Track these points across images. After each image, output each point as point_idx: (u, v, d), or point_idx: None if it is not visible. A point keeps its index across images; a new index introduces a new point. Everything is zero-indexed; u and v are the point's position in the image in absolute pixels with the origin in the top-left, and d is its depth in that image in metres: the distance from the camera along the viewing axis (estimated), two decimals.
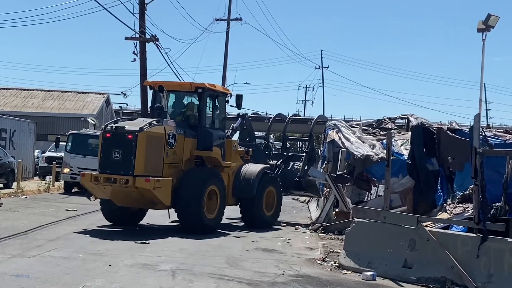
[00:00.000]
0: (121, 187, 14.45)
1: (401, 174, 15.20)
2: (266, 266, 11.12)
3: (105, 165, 14.75)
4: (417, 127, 15.34)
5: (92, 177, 14.77)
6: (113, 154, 14.64)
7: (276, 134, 38.00)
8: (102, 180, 14.65)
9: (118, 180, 14.43)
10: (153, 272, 10.13)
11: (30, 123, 33.87)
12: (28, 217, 16.61)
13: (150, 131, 14.74)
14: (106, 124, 15.46)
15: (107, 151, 14.77)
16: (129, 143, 14.48)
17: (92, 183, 14.79)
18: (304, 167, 19.96)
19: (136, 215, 16.26)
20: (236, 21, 45.16)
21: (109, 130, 14.90)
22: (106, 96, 50.59)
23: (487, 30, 27.62)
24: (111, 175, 14.56)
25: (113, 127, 14.94)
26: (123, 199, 14.98)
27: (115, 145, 14.66)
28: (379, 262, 10.74)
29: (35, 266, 10.15)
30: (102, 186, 14.70)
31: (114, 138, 14.75)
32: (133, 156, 14.43)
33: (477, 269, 9.72)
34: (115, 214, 15.76)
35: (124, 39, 27.49)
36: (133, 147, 14.44)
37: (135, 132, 14.50)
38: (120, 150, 14.57)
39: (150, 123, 14.94)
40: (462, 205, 12.39)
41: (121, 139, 14.63)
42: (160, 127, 15.05)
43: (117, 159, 14.57)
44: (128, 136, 14.54)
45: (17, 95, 49.61)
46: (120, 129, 14.78)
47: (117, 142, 14.68)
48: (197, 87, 16.37)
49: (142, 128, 14.59)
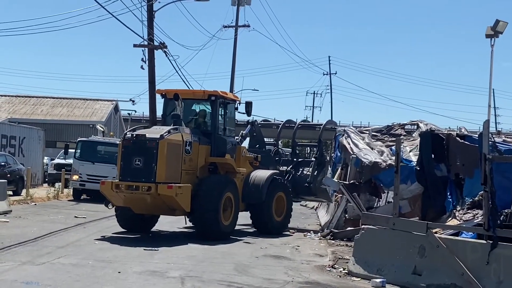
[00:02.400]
0: (142, 194, 14.58)
1: (409, 180, 15.13)
2: (275, 273, 11.11)
3: (125, 172, 14.87)
4: (425, 133, 15.27)
5: (113, 185, 14.88)
6: (134, 162, 14.76)
7: (283, 140, 38.04)
8: (123, 188, 14.77)
9: (140, 187, 14.57)
10: (162, 279, 10.14)
11: (39, 130, 33.99)
12: (38, 224, 16.67)
13: (170, 138, 14.93)
14: (125, 133, 15.68)
15: (127, 158, 14.89)
16: (151, 150, 14.64)
17: (112, 191, 14.91)
18: (314, 173, 20.02)
19: (149, 222, 16.39)
20: (244, 27, 45.24)
21: (130, 138, 15.05)
22: (114, 103, 50.74)
23: (495, 36, 27.56)
24: (132, 183, 14.70)
25: (133, 135, 15.09)
26: (142, 207, 15.11)
27: (136, 153, 14.80)
28: (388, 269, 10.71)
29: (45, 273, 10.18)
30: (123, 193, 14.81)
31: (134, 146, 14.89)
32: (155, 163, 14.59)
33: (487, 276, 9.66)
34: (130, 221, 15.87)
35: (132, 46, 27.56)
36: (154, 154, 14.60)
37: (156, 140, 14.66)
38: (141, 157, 14.72)
39: (169, 131, 15.09)
40: (472, 211, 12.32)
41: (142, 146, 14.78)
42: (178, 134, 15.25)
43: (138, 166, 14.71)
44: (149, 144, 14.70)
45: (26, 102, 49.83)
46: (141, 137, 14.93)
47: (138, 149, 14.82)
48: (210, 94, 16.59)
49: (163, 136, 14.74)
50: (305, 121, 26.46)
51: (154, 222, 16.62)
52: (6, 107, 48.48)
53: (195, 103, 17.22)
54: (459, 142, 13.89)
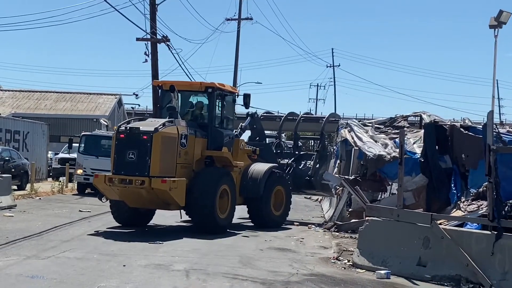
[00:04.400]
0: (136, 188, 14.38)
1: (414, 172, 15.11)
2: (280, 266, 11.12)
3: (119, 166, 14.65)
4: (429, 124, 15.24)
5: (106, 178, 14.70)
6: (128, 155, 14.52)
7: (287, 133, 37.94)
8: (116, 182, 14.57)
9: (134, 181, 14.36)
10: (167, 272, 10.16)
11: (43, 125, 34.03)
12: (42, 218, 16.70)
13: (164, 131, 14.67)
14: (119, 125, 15.34)
15: (121, 152, 14.65)
16: (144, 143, 14.40)
17: (105, 185, 14.73)
18: (316, 166, 19.89)
19: (145, 216, 16.22)
20: (246, 20, 45.32)
21: (123, 131, 14.77)
22: (118, 97, 50.72)
23: (499, 27, 27.45)
24: (126, 176, 14.49)
25: (127, 127, 14.81)
26: (136, 200, 14.94)
27: (130, 146, 14.55)
28: (393, 261, 10.71)
29: (50, 267, 10.21)
30: (116, 187, 14.63)
31: (128, 139, 14.62)
32: (149, 157, 14.35)
33: (491, 267, 9.67)
34: (125, 215, 15.69)
35: (135, 40, 27.61)
36: (148, 147, 14.36)
37: (150, 133, 14.42)
38: (134, 151, 14.46)
39: (164, 124, 14.86)
40: (476, 202, 12.30)
41: (136, 140, 14.51)
42: (173, 127, 15.00)
43: (132, 160, 14.47)
44: (143, 137, 14.44)
45: (29, 97, 49.87)
46: (135, 129, 14.65)
47: (132, 143, 14.56)
48: (207, 86, 16.35)
49: (157, 129, 14.50)
50: (308, 114, 26.31)
51: (151, 217, 16.43)
52: (10, 102, 48.53)
53: (192, 95, 16.97)
54: (463, 133, 13.86)
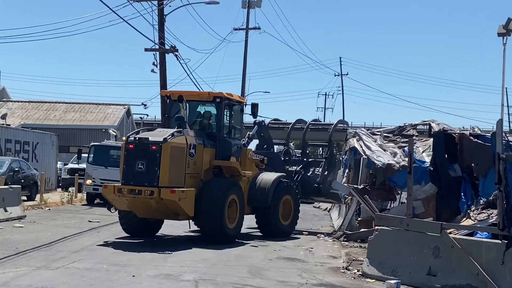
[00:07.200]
0: (145, 198, 14.38)
1: (423, 181, 15.06)
2: (289, 275, 11.09)
3: (128, 176, 14.67)
4: (438, 133, 15.20)
5: (115, 189, 14.72)
6: (137, 166, 14.52)
7: (296, 142, 37.91)
8: (126, 192, 14.57)
9: (143, 191, 14.35)
10: (176, 283, 10.15)
11: (52, 136, 34.16)
12: (52, 229, 16.73)
13: (173, 141, 14.67)
14: (128, 136, 15.33)
15: (130, 162, 14.66)
16: (153, 154, 14.41)
17: (114, 195, 14.73)
18: (324, 173, 19.84)
19: (154, 227, 16.24)
20: (254, 30, 45.32)
21: (132, 141, 14.78)
22: (126, 107, 50.92)
23: (507, 34, 27.38)
24: (135, 187, 14.49)
25: (136, 138, 14.81)
26: (145, 211, 14.96)
27: (139, 157, 14.55)
28: (403, 270, 10.66)
29: (60, 277, 10.21)
30: (125, 197, 14.64)
31: (137, 149, 14.63)
32: (158, 167, 14.36)
33: (502, 276, 9.60)
34: (134, 225, 15.69)
35: (144, 50, 27.71)
36: (157, 158, 14.37)
37: (159, 143, 14.42)
38: (144, 161, 14.47)
39: (173, 134, 14.88)
40: (486, 211, 12.25)
41: (145, 150, 14.52)
42: (182, 137, 15.02)
43: (141, 170, 14.48)
44: (152, 147, 14.45)
45: (39, 108, 50.13)
46: (144, 140, 14.64)
47: (141, 153, 14.56)
48: (215, 96, 16.38)
49: (166, 139, 14.51)
50: (315, 121, 26.23)
51: (159, 227, 16.44)
52: (19, 113, 48.80)
53: (200, 105, 16.98)
54: (473, 142, 13.82)
